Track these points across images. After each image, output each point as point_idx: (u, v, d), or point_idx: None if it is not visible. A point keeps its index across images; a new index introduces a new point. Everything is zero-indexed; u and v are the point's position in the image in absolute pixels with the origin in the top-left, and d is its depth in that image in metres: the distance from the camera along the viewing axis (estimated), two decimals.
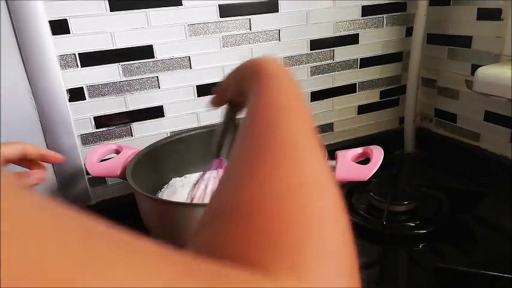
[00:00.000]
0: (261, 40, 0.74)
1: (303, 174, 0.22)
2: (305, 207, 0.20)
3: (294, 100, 0.30)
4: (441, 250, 0.61)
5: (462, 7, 0.78)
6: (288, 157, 0.23)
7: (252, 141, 0.25)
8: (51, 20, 0.59)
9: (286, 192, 0.20)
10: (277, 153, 0.23)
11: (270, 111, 0.28)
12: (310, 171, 0.23)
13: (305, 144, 0.25)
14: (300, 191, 0.21)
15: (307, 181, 0.21)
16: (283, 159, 0.23)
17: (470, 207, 0.66)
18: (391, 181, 0.72)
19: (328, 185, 0.22)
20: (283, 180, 0.21)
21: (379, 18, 0.83)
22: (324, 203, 0.21)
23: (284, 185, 0.21)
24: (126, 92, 0.68)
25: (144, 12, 0.64)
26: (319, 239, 0.19)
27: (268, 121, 0.26)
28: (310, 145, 0.25)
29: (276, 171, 0.22)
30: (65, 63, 0.63)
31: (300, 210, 0.19)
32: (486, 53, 0.75)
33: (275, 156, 0.23)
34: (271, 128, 0.25)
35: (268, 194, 0.20)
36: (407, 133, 0.91)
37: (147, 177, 0.61)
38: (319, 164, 0.24)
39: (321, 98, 0.84)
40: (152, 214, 0.54)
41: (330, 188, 0.22)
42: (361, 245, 0.67)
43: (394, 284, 0.57)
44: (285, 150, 0.23)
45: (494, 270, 0.49)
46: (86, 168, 0.56)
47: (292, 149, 0.24)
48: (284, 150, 0.23)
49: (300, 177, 0.21)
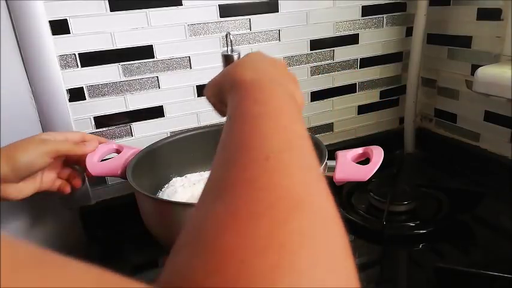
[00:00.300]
0: (261, 40, 0.74)
1: (273, 192, 0.20)
2: (272, 233, 0.18)
3: (271, 107, 0.28)
4: (441, 250, 0.61)
5: (462, 7, 0.78)
6: (258, 173, 0.21)
7: (223, 155, 0.24)
8: (51, 20, 0.59)
9: (252, 217, 0.19)
10: (247, 169, 0.22)
11: (243, 122, 0.26)
12: (283, 184, 0.21)
13: (281, 153, 0.23)
14: (268, 212, 0.19)
15: (277, 200, 0.19)
16: (252, 176, 0.21)
17: (470, 207, 0.66)
18: (391, 181, 0.72)
19: (306, 196, 0.20)
20: (249, 202, 0.19)
21: (379, 18, 0.83)
22: (297, 223, 0.19)
23: (251, 207, 0.19)
24: (126, 92, 0.68)
25: (144, 12, 0.64)
26: (290, 267, 0.16)
27: (241, 134, 0.25)
28: (287, 152, 0.23)
29: (243, 191, 0.20)
30: (65, 63, 0.63)
31: (267, 236, 0.18)
32: (486, 53, 0.75)
33: (244, 172, 0.21)
34: (243, 140, 0.24)
35: (232, 220, 0.19)
36: (407, 133, 0.91)
37: (148, 177, 0.61)
38: (298, 172, 0.22)
39: (321, 98, 0.84)
40: (152, 214, 0.54)
41: (309, 199, 0.20)
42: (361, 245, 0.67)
43: (394, 284, 0.57)
44: (255, 164, 0.22)
45: (494, 270, 0.49)
46: (87, 167, 0.56)
47: (263, 162, 0.22)
48: (254, 165, 0.22)
49: (268, 197, 0.20)
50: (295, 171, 0.22)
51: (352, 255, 0.20)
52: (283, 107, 0.28)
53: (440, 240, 0.62)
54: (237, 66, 0.36)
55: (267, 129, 0.25)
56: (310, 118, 0.85)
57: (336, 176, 0.55)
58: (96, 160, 0.57)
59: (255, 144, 0.23)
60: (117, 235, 0.69)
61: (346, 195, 0.73)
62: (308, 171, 0.23)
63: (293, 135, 0.25)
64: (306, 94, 0.82)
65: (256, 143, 0.24)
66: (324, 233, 0.19)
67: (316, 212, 0.20)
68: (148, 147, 0.64)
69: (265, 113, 0.27)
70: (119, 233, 0.69)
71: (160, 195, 0.65)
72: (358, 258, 0.61)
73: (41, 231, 0.67)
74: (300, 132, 0.26)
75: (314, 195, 0.21)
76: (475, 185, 0.74)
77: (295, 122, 0.27)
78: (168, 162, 0.68)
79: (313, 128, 0.86)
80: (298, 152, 0.24)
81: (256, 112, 0.27)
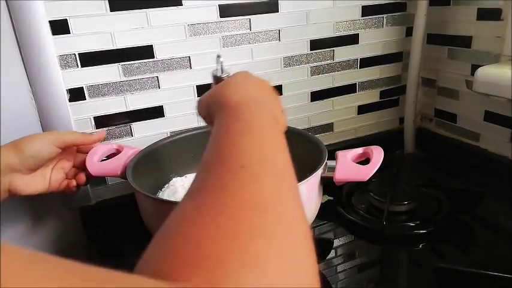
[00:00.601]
0: (261, 40, 0.74)
1: (239, 194, 0.22)
2: (229, 226, 0.20)
3: (252, 126, 0.30)
4: (441, 250, 0.61)
5: (462, 7, 0.78)
6: (230, 180, 0.23)
7: (203, 166, 0.26)
8: (51, 20, 0.59)
9: (214, 212, 0.21)
10: (220, 177, 0.24)
11: (225, 138, 0.29)
12: (250, 189, 0.22)
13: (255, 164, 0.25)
14: (229, 210, 0.21)
15: (241, 201, 0.21)
16: (224, 182, 0.23)
17: (470, 207, 0.66)
18: (391, 181, 0.72)
19: (272, 201, 0.22)
20: (214, 201, 0.22)
21: (379, 18, 0.83)
22: (255, 221, 0.20)
23: (215, 205, 0.21)
24: (126, 92, 0.68)
25: (144, 12, 0.64)
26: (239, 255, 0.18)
27: (222, 148, 0.27)
28: (261, 164, 0.25)
29: (212, 193, 0.22)
30: (65, 63, 0.63)
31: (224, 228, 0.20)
32: (486, 53, 0.75)
33: (218, 179, 0.24)
34: (223, 153, 0.26)
35: (195, 214, 0.21)
36: (407, 133, 0.91)
37: (148, 177, 0.61)
38: (268, 181, 0.24)
39: (321, 98, 0.84)
40: (153, 214, 0.54)
41: (273, 204, 0.22)
42: (361, 245, 0.67)
43: (394, 284, 0.57)
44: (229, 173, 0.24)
45: (494, 270, 0.49)
46: (87, 167, 0.56)
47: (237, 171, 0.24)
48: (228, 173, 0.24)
49: (233, 198, 0.22)
50: (265, 180, 0.24)
51: (316, 263, 0.21)
52: (263, 127, 0.31)
53: (440, 240, 0.62)
54: (224, 89, 0.38)
55: (246, 145, 0.27)
56: (310, 118, 0.85)
57: (336, 176, 0.55)
58: (96, 160, 0.57)
59: (232, 157, 0.26)
60: (117, 235, 0.69)
61: (346, 195, 0.73)
62: (279, 181, 0.24)
63: (270, 150, 0.28)
64: (306, 94, 0.82)
65: (234, 155, 0.26)
66: (283, 234, 0.21)
67: (278, 216, 0.21)
68: (148, 147, 0.64)
69: (246, 131, 0.29)
70: (119, 233, 0.69)
71: (160, 195, 0.65)
72: (358, 258, 0.61)
73: (41, 231, 0.67)
74: (278, 149, 0.28)
75: (280, 202, 0.23)
76: (475, 185, 0.74)
77: (274, 140, 0.29)
78: (168, 162, 0.68)
79: (313, 128, 0.86)
80: (273, 165, 0.26)
81: (238, 129, 0.29)
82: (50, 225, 0.68)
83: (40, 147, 0.50)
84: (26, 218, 0.65)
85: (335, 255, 0.60)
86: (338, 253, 0.61)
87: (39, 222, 0.66)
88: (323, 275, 0.56)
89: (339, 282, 0.55)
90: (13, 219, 0.64)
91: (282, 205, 0.22)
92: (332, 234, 0.66)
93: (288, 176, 0.26)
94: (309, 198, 0.54)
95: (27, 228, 0.65)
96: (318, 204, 0.59)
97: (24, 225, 0.65)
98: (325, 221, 0.69)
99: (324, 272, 0.57)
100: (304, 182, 0.51)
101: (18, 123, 0.60)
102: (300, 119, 0.84)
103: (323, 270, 0.57)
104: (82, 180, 0.57)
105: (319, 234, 0.66)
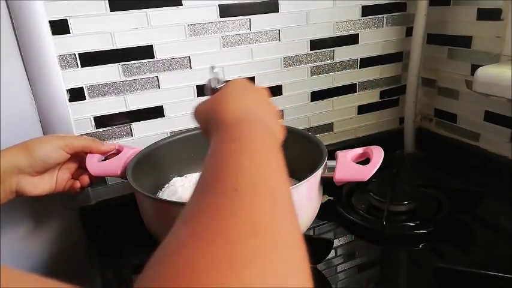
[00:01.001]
0: (261, 40, 0.74)
1: (234, 217, 0.22)
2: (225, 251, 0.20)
3: (247, 144, 0.30)
4: (441, 250, 0.61)
5: (462, 7, 0.78)
6: (224, 202, 0.23)
7: (198, 188, 0.26)
8: (51, 20, 0.59)
9: (209, 236, 0.21)
10: (215, 199, 0.24)
11: (221, 158, 0.29)
12: (245, 212, 0.22)
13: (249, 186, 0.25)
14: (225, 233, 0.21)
15: (236, 224, 0.21)
16: (219, 205, 0.23)
17: (470, 207, 0.66)
18: (391, 181, 0.72)
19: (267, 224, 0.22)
20: (209, 225, 0.22)
21: (379, 18, 0.83)
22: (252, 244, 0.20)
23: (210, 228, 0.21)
24: (126, 92, 0.68)
25: (144, 12, 0.64)
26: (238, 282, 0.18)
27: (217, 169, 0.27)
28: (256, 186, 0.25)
29: (207, 216, 0.22)
30: (65, 63, 0.63)
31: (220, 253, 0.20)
32: (486, 53, 0.75)
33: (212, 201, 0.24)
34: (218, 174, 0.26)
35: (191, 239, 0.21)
36: (407, 133, 0.91)
37: (148, 177, 0.61)
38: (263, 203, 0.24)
39: (321, 98, 0.84)
40: (153, 214, 0.54)
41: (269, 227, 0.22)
42: (361, 245, 0.67)
43: (394, 284, 0.57)
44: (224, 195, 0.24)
45: (494, 270, 0.49)
46: (87, 167, 0.56)
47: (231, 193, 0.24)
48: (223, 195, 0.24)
49: (228, 221, 0.22)
50: (260, 202, 0.24)
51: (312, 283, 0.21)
52: (258, 144, 0.31)
53: (440, 240, 0.62)
54: (221, 105, 0.38)
55: (241, 165, 0.27)
56: (310, 118, 0.85)
57: (336, 176, 0.55)
58: (96, 160, 0.57)
59: (227, 178, 0.25)
60: (117, 235, 0.69)
61: (346, 195, 0.73)
62: (274, 203, 0.24)
63: (265, 170, 0.27)
64: (306, 94, 0.82)
65: (228, 177, 0.26)
66: (278, 260, 0.20)
67: (274, 240, 0.21)
68: (148, 147, 0.64)
69: (241, 150, 0.29)
70: (119, 233, 0.69)
71: (160, 195, 0.65)
72: (358, 258, 0.61)
73: (42, 231, 0.67)
74: (274, 167, 0.29)
75: (275, 225, 0.22)
76: (475, 185, 0.74)
77: (270, 158, 0.30)
78: (168, 162, 0.68)
79: (313, 128, 0.86)
80: (268, 186, 0.26)
81: (233, 149, 0.29)
82: (51, 225, 0.68)
83: (50, 151, 0.51)
84: (27, 219, 0.65)
85: (335, 255, 0.60)
86: (338, 253, 0.61)
87: (39, 223, 0.66)
88: (323, 275, 0.56)
89: (339, 282, 0.55)
90: (14, 220, 0.64)
91: (278, 228, 0.22)
92: (332, 234, 0.66)
93: (283, 195, 0.26)
94: (309, 198, 0.54)
95: (28, 229, 0.66)
96: (318, 204, 0.59)
97: (25, 226, 0.65)
98: (325, 221, 0.69)
99: (324, 272, 0.57)
100: (305, 182, 0.51)
101: (18, 123, 0.60)
102: (300, 119, 0.84)
103: (323, 270, 0.57)
104: (86, 181, 0.57)
105: (319, 234, 0.66)
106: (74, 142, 0.53)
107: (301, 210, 0.52)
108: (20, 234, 0.65)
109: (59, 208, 0.67)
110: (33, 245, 0.66)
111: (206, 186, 0.26)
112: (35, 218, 0.66)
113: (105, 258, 0.66)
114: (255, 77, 0.76)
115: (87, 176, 0.57)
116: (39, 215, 0.66)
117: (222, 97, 0.40)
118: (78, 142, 0.54)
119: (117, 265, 0.63)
